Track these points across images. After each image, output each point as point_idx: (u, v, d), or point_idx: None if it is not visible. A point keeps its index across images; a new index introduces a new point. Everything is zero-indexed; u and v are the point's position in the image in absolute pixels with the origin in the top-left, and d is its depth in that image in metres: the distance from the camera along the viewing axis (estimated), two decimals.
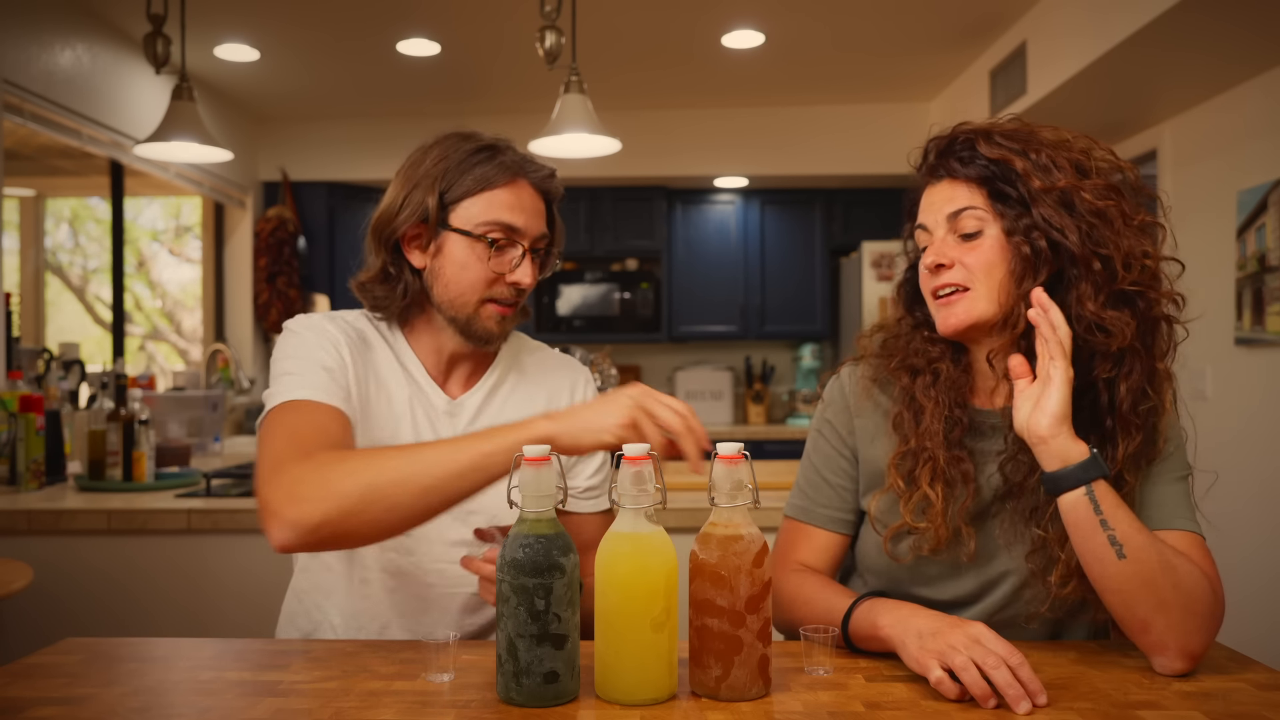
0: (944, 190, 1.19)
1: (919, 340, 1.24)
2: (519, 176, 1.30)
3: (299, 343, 1.27)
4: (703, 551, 0.97)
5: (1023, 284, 1.13)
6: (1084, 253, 1.11)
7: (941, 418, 1.18)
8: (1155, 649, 1.05)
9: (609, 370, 2.90)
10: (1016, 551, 1.19)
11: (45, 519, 2.27)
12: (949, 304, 1.17)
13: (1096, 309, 1.11)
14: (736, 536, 0.97)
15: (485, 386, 1.38)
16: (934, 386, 1.20)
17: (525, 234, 1.30)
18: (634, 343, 5.51)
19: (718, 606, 0.96)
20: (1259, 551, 3.33)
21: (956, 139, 1.20)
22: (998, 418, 1.20)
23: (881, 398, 1.27)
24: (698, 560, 0.97)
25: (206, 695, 0.98)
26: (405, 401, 1.33)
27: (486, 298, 1.30)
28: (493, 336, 1.32)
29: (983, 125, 1.20)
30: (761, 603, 0.97)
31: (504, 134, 1.35)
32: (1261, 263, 3.26)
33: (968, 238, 1.16)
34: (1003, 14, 3.80)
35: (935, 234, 1.19)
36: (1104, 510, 1.03)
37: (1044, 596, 1.17)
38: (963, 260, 1.16)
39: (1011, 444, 1.16)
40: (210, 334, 5.10)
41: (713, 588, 0.96)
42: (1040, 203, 1.13)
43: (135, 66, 3.95)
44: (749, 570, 0.96)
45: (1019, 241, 1.13)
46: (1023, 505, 1.18)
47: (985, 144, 1.17)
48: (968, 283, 1.16)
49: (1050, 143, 1.16)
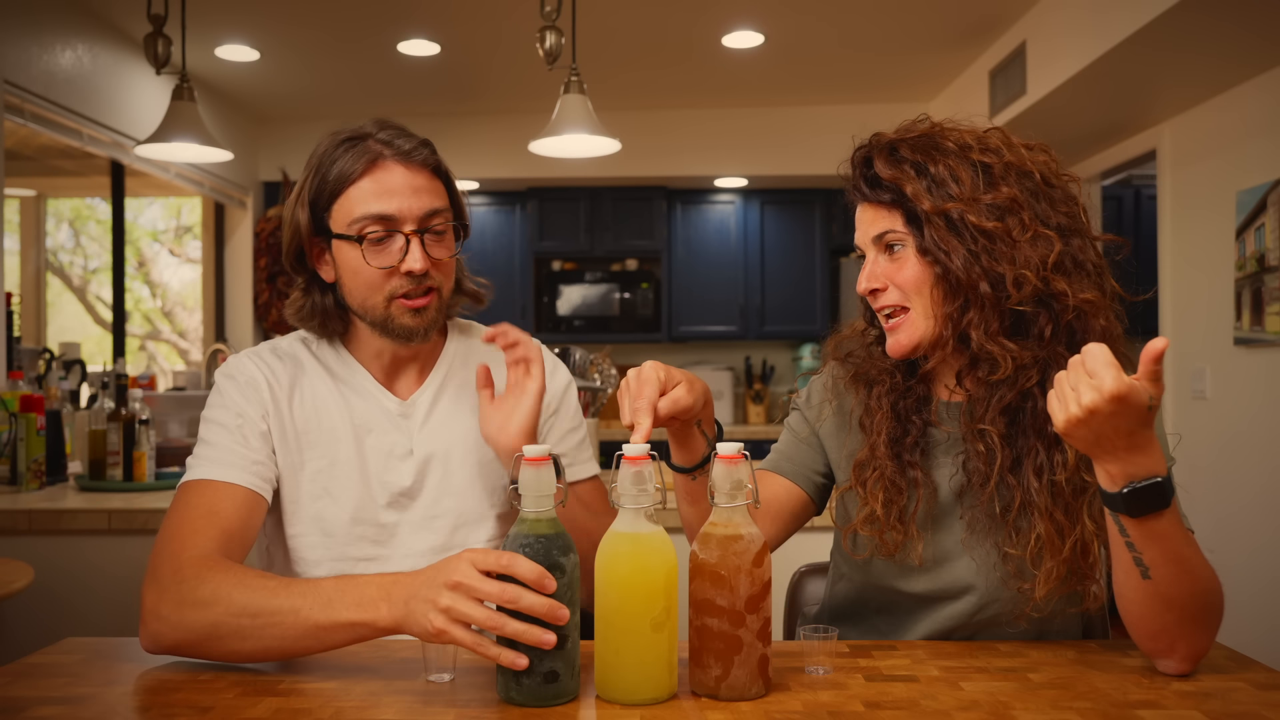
0: (867, 212, 1.19)
1: (876, 353, 1.25)
2: (380, 159, 1.22)
3: (218, 401, 1.28)
4: (702, 551, 0.97)
5: (943, 304, 1.13)
6: (968, 277, 1.10)
7: (888, 430, 1.20)
8: (1161, 653, 1.05)
9: (609, 370, 2.90)
10: (981, 557, 1.18)
11: (46, 519, 2.27)
12: (893, 329, 1.18)
13: (980, 339, 1.10)
14: (736, 536, 0.96)
15: (434, 383, 1.35)
16: (886, 397, 1.22)
17: (403, 218, 1.22)
18: (634, 343, 5.51)
19: (717, 606, 0.96)
20: (1259, 551, 3.33)
21: (868, 155, 1.19)
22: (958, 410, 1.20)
23: (846, 398, 1.30)
24: (697, 560, 0.98)
25: (206, 695, 0.98)
26: (359, 412, 1.30)
27: (390, 295, 1.24)
28: (414, 332, 1.26)
29: (891, 137, 1.19)
30: (761, 602, 0.97)
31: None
32: (1260, 263, 3.26)
33: (893, 258, 1.16)
34: (1003, 14, 3.80)
35: (868, 255, 1.19)
36: (1131, 535, 0.99)
37: (1023, 599, 1.16)
38: (894, 280, 1.16)
39: (966, 443, 1.17)
40: (210, 334, 5.10)
41: (712, 587, 0.96)
42: (930, 223, 1.12)
43: (136, 67, 3.95)
44: (749, 570, 0.96)
45: (930, 262, 1.13)
46: (984, 510, 1.17)
47: (883, 163, 1.16)
48: (905, 302, 1.16)
49: (954, 150, 1.14)
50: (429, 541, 1.30)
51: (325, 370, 1.33)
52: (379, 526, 1.30)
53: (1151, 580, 1.00)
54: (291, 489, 1.28)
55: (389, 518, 1.30)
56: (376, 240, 1.22)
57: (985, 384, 1.15)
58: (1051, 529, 1.11)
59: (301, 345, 1.35)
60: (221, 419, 1.26)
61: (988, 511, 1.17)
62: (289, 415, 1.29)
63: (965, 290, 1.11)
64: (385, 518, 1.30)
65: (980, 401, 1.15)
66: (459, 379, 1.37)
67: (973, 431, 1.15)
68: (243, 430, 1.25)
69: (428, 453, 1.31)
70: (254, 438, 1.25)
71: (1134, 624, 1.05)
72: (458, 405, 1.35)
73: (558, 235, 5.39)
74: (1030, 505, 1.13)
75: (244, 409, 1.26)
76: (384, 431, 1.31)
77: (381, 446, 1.30)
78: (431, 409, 1.34)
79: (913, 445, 1.20)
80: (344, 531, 1.28)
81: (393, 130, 1.25)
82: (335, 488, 1.28)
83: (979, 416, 1.15)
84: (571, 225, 5.39)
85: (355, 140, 1.24)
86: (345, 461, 1.29)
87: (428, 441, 1.32)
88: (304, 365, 1.33)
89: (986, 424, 1.14)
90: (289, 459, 1.28)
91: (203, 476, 1.20)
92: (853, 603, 1.32)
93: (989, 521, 1.17)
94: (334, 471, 1.29)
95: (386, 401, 1.32)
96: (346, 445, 1.29)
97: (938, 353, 1.18)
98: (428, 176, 1.26)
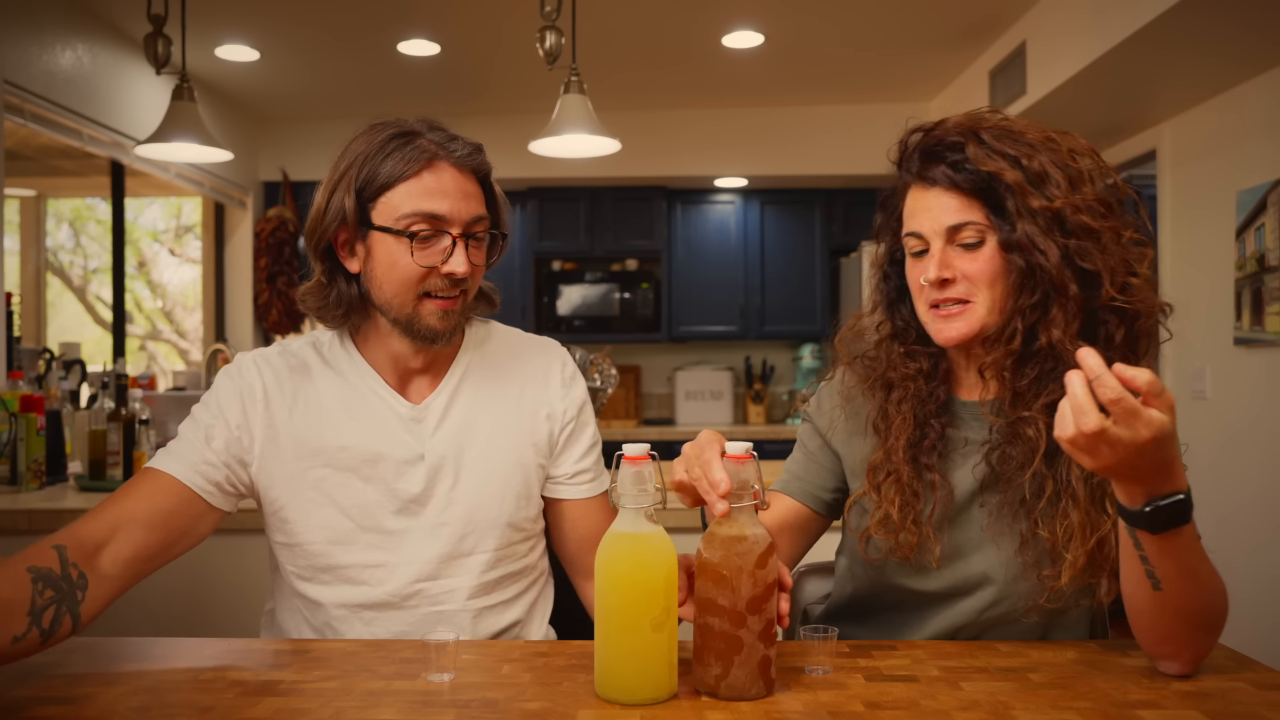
0: (938, 198, 1.14)
1: (896, 355, 1.23)
2: (436, 159, 1.23)
3: (209, 397, 1.30)
4: (706, 550, 0.97)
5: (1018, 298, 1.11)
6: (1060, 276, 1.09)
7: (908, 434, 1.18)
8: (1165, 656, 1.04)
9: (609, 370, 2.90)
10: (1005, 544, 1.18)
11: (46, 519, 2.27)
12: (949, 316, 1.15)
13: (1059, 337, 1.09)
14: (740, 537, 0.96)
15: (448, 388, 1.33)
16: (907, 401, 1.20)
17: (452, 220, 1.23)
18: (634, 343, 5.51)
19: (719, 606, 0.96)
20: (1259, 552, 3.33)
21: (943, 140, 1.15)
22: (979, 409, 1.20)
23: (860, 402, 1.28)
24: (701, 558, 0.97)
25: (206, 695, 0.98)
26: (368, 418, 1.29)
27: (423, 293, 1.24)
28: (438, 334, 1.26)
29: (968, 123, 1.15)
30: (764, 604, 0.96)
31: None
32: (1260, 263, 3.26)
33: (968, 249, 1.13)
34: (1002, 14, 3.80)
35: (933, 244, 1.15)
36: (1146, 550, 0.97)
37: (1039, 590, 1.15)
38: (965, 272, 1.13)
39: (997, 434, 1.16)
40: (210, 334, 5.10)
41: (715, 587, 0.96)
42: (1027, 218, 1.09)
43: (136, 67, 3.95)
44: (751, 571, 0.95)
45: (1014, 257, 1.11)
46: (1010, 497, 1.16)
47: (977, 150, 1.12)
48: (969, 295, 1.14)
49: (1040, 145, 1.12)
50: (436, 549, 1.29)
51: (335, 374, 1.32)
52: (386, 534, 1.28)
53: (1162, 592, 0.99)
54: (292, 497, 1.27)
55: (397, 524, 1.29)
56: (424, 238, 1.22)
57: (1033, 380, 1.12)
58: (1084, 519, 1.10)
59: (312, 349, 1.34)
60: (200, 415, 1.28)
61: (1015, 499, 1.15)
62: (286, 424, 1.28)
63: (1050, 288, 1.09)
64: (393, 524, 1.28)
65: (1022, 395, 1.13)
66: (475, 382, 1.35)
67: (1009, 422, 1.13)
68: (211, 431, 1.26)
69: (439, 458, 1.30)
70: (219, 440, 1.25)
71: (1141, 629, 1.05)
72: (473, 410, 1.33)
73: (558, 235, 5.39)
74: (1063, 495, 1.11)
75: (225, 414, 1.27)
76: (394, 437, 1.29)
77: (391, 452, 1.29)
78: (445, 414, 1.32)
79: (930, 448, 1.19)
80: (351, 539, 1.28)
81: (444, 132, 1.26)
82: (340, 494, 1.27)
83: (1021, 406, 1.13)
84: (571, 225, 5.39)
85: (406, 136, 1.24)
86: (351, 468, 1.28)
87: (440, 447, 1.30)
88: (312, 371, 1.32)
89: (1033, 412, 1.12)
90: (284, 468, 1.27)
91: (151, 464, 1.24)
92: (864, 601, 1.31)
93: (1015, 510, 1.16)
94: (338, 478, 1.28)
95: (398, 406, 1.31)
96: (352, 452, 1.28)
97: (981, 350, 1.16)
98: (476, 183, 1.27)
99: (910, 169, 1.18)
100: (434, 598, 1.29)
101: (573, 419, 1.39)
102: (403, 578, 1.28)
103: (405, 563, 1.28)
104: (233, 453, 1.26)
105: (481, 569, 1.31)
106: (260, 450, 1.27)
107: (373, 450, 1.28)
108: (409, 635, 1.27)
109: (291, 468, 1.27)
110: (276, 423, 1.28)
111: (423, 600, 1.29)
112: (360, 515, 1.28)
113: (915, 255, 1.18)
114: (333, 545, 1.27)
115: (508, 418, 1.35)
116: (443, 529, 1.29)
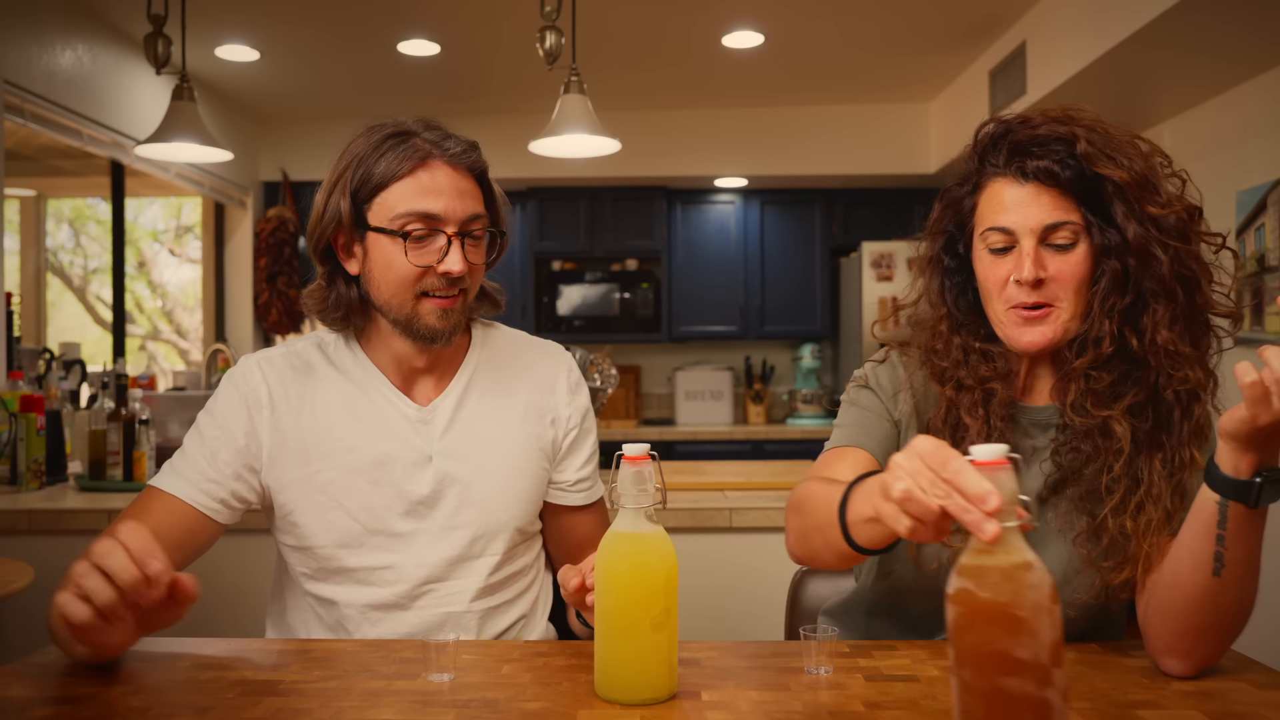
0: (1033, 195, 1.09)
1: (975, 357, 1.17)
2: (430, 158, 1.22)
3: (213, 406, 1.30)
4: (981, 588, 0.72)
5: (1107, 301, 1.09)
6: (1170, 282, 1.07)
7: (983, 439, 1.13)
8: (1177, 654, 1.04)
9: (609, 370, 2.90)
10: (1064, 541, 1.15)
11: (46, 519, 2.27)
12: (1032, 320, 1.11)
13: (1173, 337, 1.07)
14: (1025, 564, 0.72)
15: (457, 389, 1.33)
16: (983, 406, 1.15)
17: (447, 218, 1.22)
18: (634, 343, 5.51)
19: (1017, 661, 0.71)
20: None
21: (1039, 135, 1.10)
22: (1047, 414, 1.17)
23: (925, 398, 1.22)
24: (975, 600, 0.72)
25: (207, 695, 0.98)
26: (374, 420, 1.29)
27: (420, 292, 1.24)
28: (437, 334, 1.25)
29: (1065, 118, 1.10)
30: (1063, 651, 0.73)
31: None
32: (1261, 263, 3.26)
33: (1060, 249, 1.09)
34: (1002, 14, 3.80)
35: (1023, 242, 1.10)
36: (1228, 528, 0.97)
37: (1089, 584, 1.13)
38: (1056, 273, 1.09)
39: (1067, 434, 1.13)
40: (210, 334, 5.10)
41: (1007, 635, 0.71)
42: (1140, 224, 1.07)
43: (136, 67, 3.95)
44: (1049, 608, 0.71)
45: (1110, 261, 1.08)
46: (1079, 491, 1.13)
47: (1089, 148, 1.07)
48: (1053, 300, 1.10)
49: (1128, 144, 1.10)
50: (444, 553, 1.29)
51: (341, 375, 1.31)
52: (394, 536, 1.28)
53: (1219, 579, 0.99)
54: (300, 500, 1.27)
55: (405, 526, 1.28)
56: (419, 238, 1.22)
57: (1111, 383, 1.10)
58: (1163, 517, 1.09)
59: (317, 350, 1.33)
60: (205, 427, 1.28)
61: (1083, 494, 1.13)
62: (294, 428, 1.28)
63: (1153, 293, 1.07)
64: (401, 527, 1.28)
65: (1102, 396, 1.10)
66: (483, 385, 1.35)
67: (1091, 423, 1.10)
68: (217, 444, 1.25)
69: (448, 461, 1.30)
70: (225, 453, 1.25)
71: (1170, 618, 1.03)
72: (482, 412, 1.33)
73: (558, 235, 5.39)
74: (1141, 490, 1.09)
75: (229, 423, 1.27)
76: (401, 438, 1.29)
77: (398, 454, 1.28)
78: (454, 416, 1.32)
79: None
80: (358, 542, 1.27)
81: (439, 131, 1.25)
82: (348, 498, 1.27)
83: (1102, 407, 1.10)
84: (571, 225, 5.39)
85: (401, 136, 1.23)
86: (358, 471, 1.27)
87: (448, 449, 1.30)
88: (317, 373, 1.31)
89: (1115, 413, 1.10)
90: (292, 472, 1.27)
91: (157, 484, 1.24)
92: (901, 598, 1.26)
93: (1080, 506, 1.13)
94: (346, 482, 1.27)
95: (405, 408, 1.30)
96: (360, 454, 1.28)
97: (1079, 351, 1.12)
98: (472, 181, 1.27)
99: (995, 161, 1.13)
100: (441, 599, 1.29)
101: (576, 426, 1.39)
102: (411, 579, 1.28)
103: (414, 565, 1.28)
104: (243, 462, 1.26)
105: (489, 571, 1.31)
106: (269, 455, 1.27)
107: (380, 452, 1.28)
108: (417, 635, 1.28)
109: (300, 472, 1.27)
110: (284, 427, 1.28)
111: (430, 601, 1.29)
112: (368, 518, 1.27)
113: (996, 252, 1.13)
114: (340, 548, 1.27)
115: (516, 421, 1.35)
116: (454, 533, 1.29)
